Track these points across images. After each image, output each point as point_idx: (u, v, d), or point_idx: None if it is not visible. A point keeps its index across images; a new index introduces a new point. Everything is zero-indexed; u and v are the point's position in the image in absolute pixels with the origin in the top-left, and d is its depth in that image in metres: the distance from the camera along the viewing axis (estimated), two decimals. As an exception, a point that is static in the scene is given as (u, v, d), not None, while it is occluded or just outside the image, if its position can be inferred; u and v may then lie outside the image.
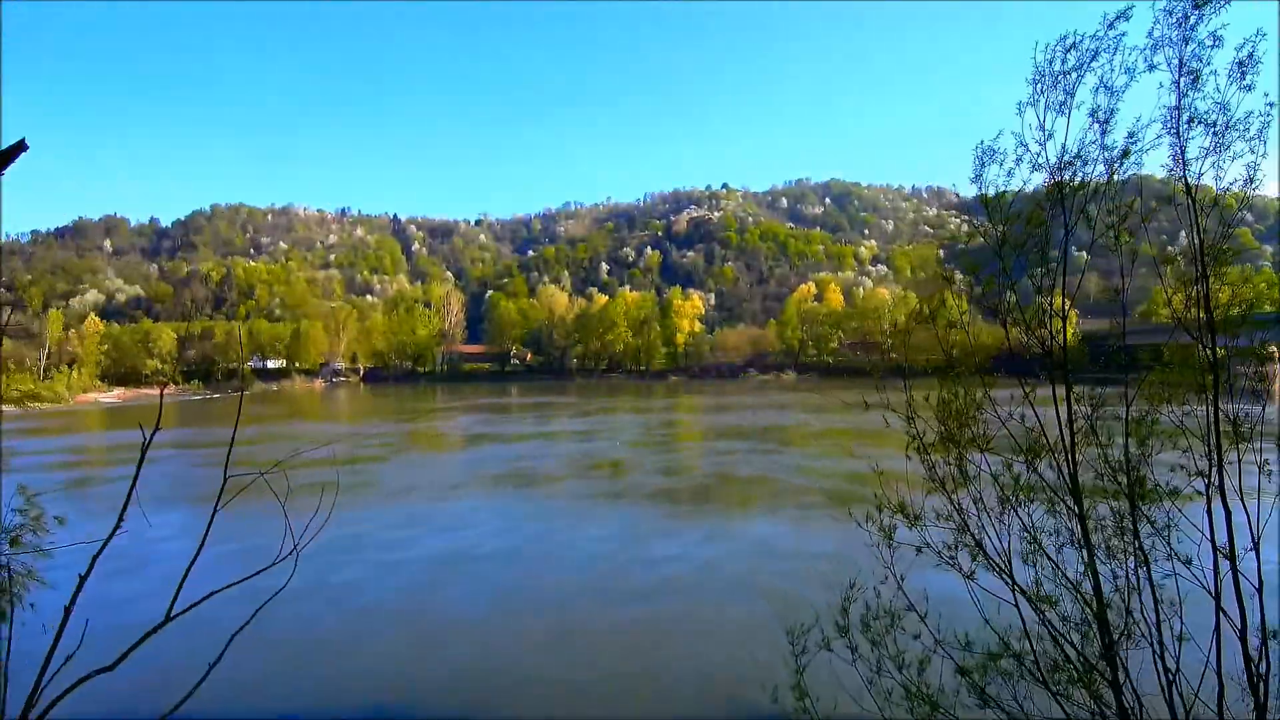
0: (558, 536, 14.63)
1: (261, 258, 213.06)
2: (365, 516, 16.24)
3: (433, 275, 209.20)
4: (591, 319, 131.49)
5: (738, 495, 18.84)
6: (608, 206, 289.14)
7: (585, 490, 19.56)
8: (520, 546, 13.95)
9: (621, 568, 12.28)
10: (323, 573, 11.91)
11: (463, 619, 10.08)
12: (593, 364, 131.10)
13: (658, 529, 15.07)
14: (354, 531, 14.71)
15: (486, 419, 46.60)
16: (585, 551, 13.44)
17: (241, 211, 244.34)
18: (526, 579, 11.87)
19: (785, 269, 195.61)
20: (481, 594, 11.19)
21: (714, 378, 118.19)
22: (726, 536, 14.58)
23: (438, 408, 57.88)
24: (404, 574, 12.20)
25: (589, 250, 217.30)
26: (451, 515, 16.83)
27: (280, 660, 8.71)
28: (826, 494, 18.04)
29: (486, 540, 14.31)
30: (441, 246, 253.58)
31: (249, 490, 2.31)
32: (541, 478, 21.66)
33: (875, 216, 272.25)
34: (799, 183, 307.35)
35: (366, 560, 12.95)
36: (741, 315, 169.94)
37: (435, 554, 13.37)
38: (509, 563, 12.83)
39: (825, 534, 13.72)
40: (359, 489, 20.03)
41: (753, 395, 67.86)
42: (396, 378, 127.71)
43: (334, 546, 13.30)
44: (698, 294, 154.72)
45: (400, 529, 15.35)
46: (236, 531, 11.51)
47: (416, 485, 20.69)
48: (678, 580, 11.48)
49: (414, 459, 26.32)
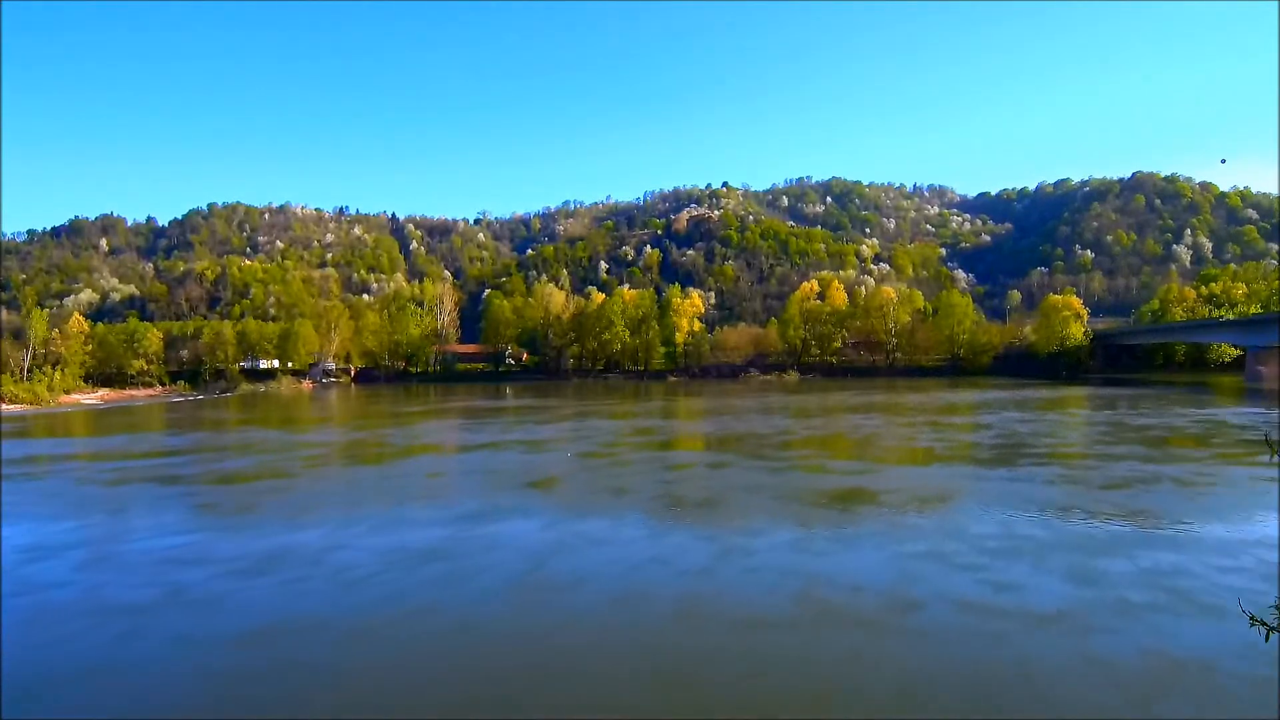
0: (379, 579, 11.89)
1: (258, 257, 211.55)
2: (198, 540, 13.65)
3: (431, 274, 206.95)
4: (588, 318, 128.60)
5: (654, 524, 16.01)
6: (607, 205, 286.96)
7: (473, 511, 16.78)
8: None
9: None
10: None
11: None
12: (590, 364, 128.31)
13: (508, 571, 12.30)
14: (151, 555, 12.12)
15: (449, 425, 44.01)
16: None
17: (239, 210, 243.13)
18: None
19: (786, 268, 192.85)
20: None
21: (714, 378, 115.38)
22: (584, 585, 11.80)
23: (404, 412, 55.35)
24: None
25: (588, 249, 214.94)
26: (272, 547, 14.05)
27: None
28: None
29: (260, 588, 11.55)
30: (440, 245, 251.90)
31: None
32: (446, 496, 18.91)
33: (877, 215, 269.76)
34: (800, 181, 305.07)
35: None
36: (742, 314, 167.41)
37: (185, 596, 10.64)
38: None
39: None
40: (211, 510, 17.50)
41: (753, 397, 65.10)
42: (388, 378, 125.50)
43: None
44: (698, 292, 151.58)
45: (174, 563, 12.67)
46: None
47: (273, 507, 17.91)
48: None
49: (321, 476, 23.56)
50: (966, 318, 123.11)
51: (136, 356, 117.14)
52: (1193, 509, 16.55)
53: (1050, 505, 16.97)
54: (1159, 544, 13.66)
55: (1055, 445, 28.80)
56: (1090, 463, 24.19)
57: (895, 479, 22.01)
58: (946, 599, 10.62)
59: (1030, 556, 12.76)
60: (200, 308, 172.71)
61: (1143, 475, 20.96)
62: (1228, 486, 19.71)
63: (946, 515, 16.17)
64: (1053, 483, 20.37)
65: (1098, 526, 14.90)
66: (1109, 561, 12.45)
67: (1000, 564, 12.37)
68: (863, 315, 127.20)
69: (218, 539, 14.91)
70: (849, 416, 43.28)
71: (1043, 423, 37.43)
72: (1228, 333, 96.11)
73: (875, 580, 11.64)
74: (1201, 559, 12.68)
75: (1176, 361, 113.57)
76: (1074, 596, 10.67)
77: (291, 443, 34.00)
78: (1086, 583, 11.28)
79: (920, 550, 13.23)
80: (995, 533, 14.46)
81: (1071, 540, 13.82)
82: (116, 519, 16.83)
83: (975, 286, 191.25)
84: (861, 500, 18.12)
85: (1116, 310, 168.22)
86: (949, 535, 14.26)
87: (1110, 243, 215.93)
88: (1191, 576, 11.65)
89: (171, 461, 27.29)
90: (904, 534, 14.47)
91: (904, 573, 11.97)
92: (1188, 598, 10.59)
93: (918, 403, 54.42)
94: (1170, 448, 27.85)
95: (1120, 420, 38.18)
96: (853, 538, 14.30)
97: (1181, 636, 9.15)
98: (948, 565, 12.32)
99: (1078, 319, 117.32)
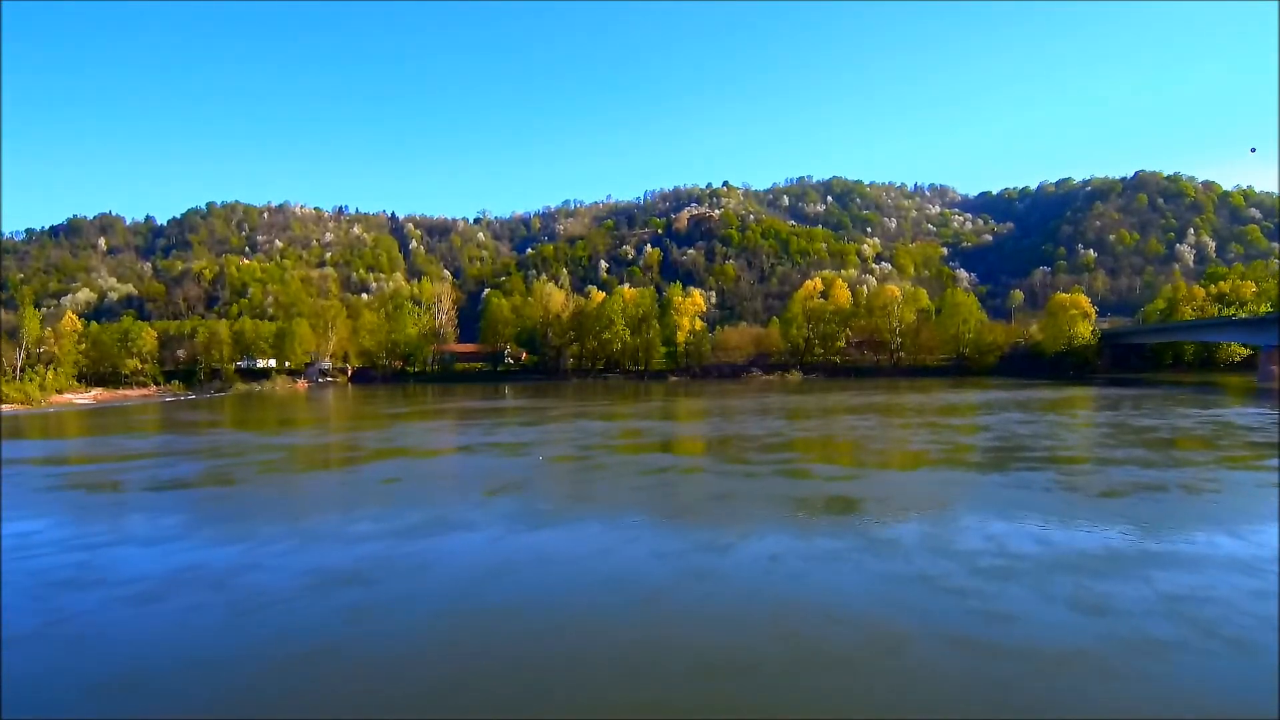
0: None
1: (257, 256, 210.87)
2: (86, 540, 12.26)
3: (430, 274, 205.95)
4: (588, 317, 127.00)
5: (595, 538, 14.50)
6: (607, 205, 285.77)
7: (416, 524, 15.29)
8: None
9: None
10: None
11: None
12: (589, 364, 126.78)
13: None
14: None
15: (431, 426, 42.63)
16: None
17: (237, 209, 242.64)
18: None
19: (787, 267, 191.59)
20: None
21: (716, 378, 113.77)
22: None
23: (391, 413, 53.97)
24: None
25: (588, 248, 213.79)
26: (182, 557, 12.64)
27: None
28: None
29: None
30: (439, 245, 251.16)
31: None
32: (395, 505, 17.36)
33: (878, 215, 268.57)
34: (800, 180, 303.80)
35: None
36: (743, 314, 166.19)
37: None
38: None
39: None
40: (130, 522, 16.11)
41: (753, 397, 63.56)
42: (385, 378, 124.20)
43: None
44: (699, 291, 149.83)
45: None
46: None
47: (201, 519, 16.38)
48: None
49: (269, 483, 22.00)
50: (972, 317, 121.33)
51: (130, 356, 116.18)
52: (1206, 520, 15.03)
53: (1050, 516, 15.45)
54: (1173, 562, 12.15)
55: (1055, 448, 27.19)
56: (1092, 467, 22.63)
57: (882, 486, 20.48)
58: (938, 634, 9.11)
59: (1030, 579, 11.25)
60: (198, 307, 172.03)
61: (1150, 481, 19.41)
62: (1241, 493, 18.15)
63: (936, 528, 14.65)
64: (1052, 490, 18.84)
65: (1103, 541, 13.38)
66: (1120, 585, 10.95)
67: (996, 588, 10.86)
68: (866, 314, 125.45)
69: (124, 556, 13.44)
70: (845, 418, 41.75)
71: (1043, 424, 35.85)
72: (1240, 332, 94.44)
73: (855, 609, 10.14)
74: (1222, 579, 11.20)
75: (1185, 361, 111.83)
76: (1086, 630, 9.15)
77: (256, 446, 32.59)
78: (1097, 612, 9.76)
79: (906, 571, 11.73)
80: (989, 549, 12.94)
81: (1075, 558, 12.30)
82: (18, 532, 15.30)
83: (977, 286, 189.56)
84: (844, 510, 16.61)
85: (1120, 309, 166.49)
86: (938, 552, 12.75)
87: (1113, 242, 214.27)
88: (1216, 603, 10.14)
89: (119, 467, 25.92)
90: (888, 550, 12.96)
91: (888, 599, 10.48)
92: (1216, 632, 9.07)
93: (918, 403, 52.89)
94: (1178, 450, 26.28)
95: (1126, 421, 36.58)
96: (830, 555, 12.78)
97: (1218, 682, 7.64)
98: (938, 590, 10.81)
99: (1085, 318, 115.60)
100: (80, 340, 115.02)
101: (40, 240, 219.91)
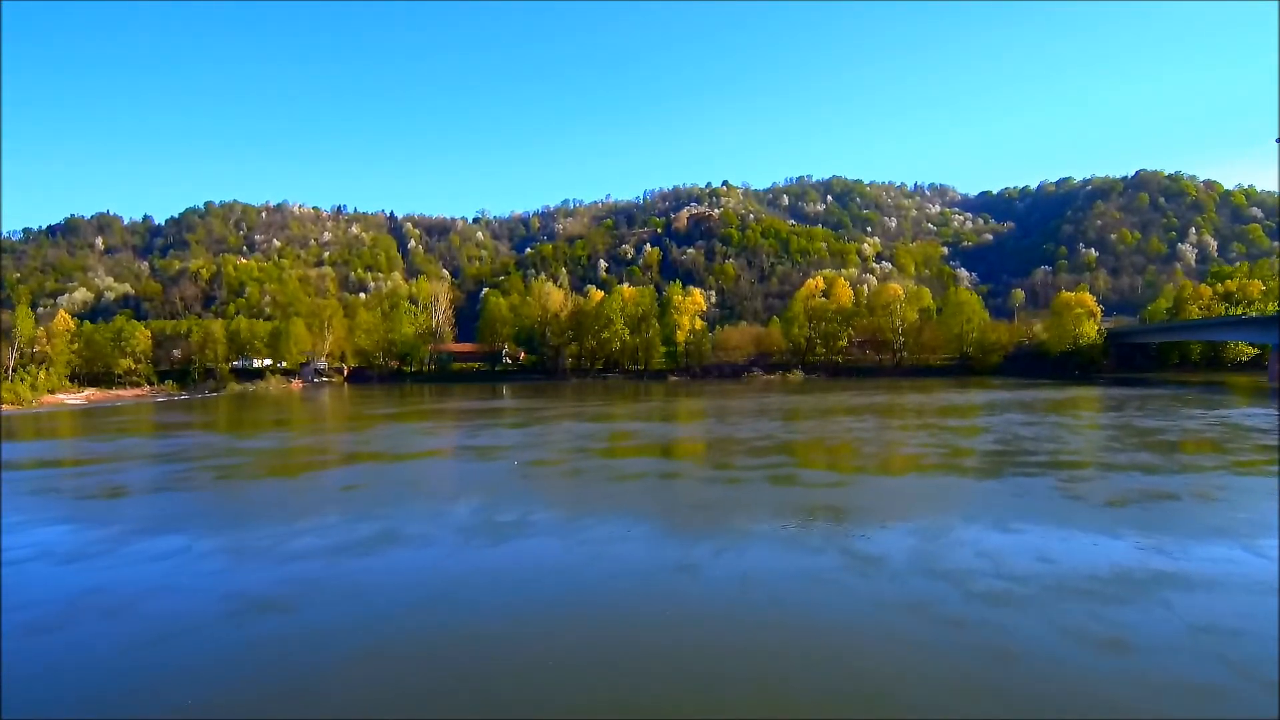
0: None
1: (255, 255, 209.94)
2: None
3: (429, 273, 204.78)
4: (587, 316, 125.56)
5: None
6: (607, 204, 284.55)
7: (362, 538, 14.04)
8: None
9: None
10: None
11: None
12: (589, 363, 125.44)
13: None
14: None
15: (414, 428, 41.35)
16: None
17: (236, 209, 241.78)
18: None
19: (787, 266, 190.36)
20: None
21: (716, 378, 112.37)
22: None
23: (379, 414, 52.75)
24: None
25: (587, 248, 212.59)
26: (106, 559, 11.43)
27: None
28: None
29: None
30: (438, 244, 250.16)
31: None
32: (345, 515, 16.13)
33: (878, 214, 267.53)
34: (800, 180, 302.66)
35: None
36: (743, 314, 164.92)
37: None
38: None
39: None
40: (56, 536, 14.90)
41: (752, 398, 62.20)
42: (381, 377, 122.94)
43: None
44: (699, 290, 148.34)
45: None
46: None
47: (131, 531, 15.10)
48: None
49: (221, 489, 20.75)
50: (975, 316, 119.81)
51: (124, 356, 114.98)
52: (1222, 532, 13.71)
53: (1052, 528, 14.16)
54: (1192, 583, 10.85)
55: (1058, 451, 25.83)
56: (1096, 472, 21.29)
57: (873, 493, 19.16)
58: (935, 680, 7.82)
59: (1035, 606, 9.95)
60: (195, 306, 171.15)
61: (1158, 489, 18.09)
62: (1254, 501, 16.80)
63: (928, 542, 13.33)
64: (1054, 498, 17.51)
65: (1112, 558, 12.07)
66: (1136, 612, 9.67)
67: (998, 618, 9.56)
68: (868, 313, 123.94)
69: (35, 575, 12.18)
70: (843, 419, 40.44)
71: (1046, 425, 34.49)
72: (1248, 331, 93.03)
73: (835, 646, 8.84)
74: (1248, 604, 9.97)
75: (1192, 360, 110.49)
76: (1108, 673, 7.85)
77: (224, 449, 31.30)
78: (1117, 650, 8.45)
79: (895, 597, 10.43)
80: (986, 569, 11.63)
81: (1083, 580, 11.00)
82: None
83: (978, 286, 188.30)
84: (829, 520, 15.30)
85: (1122, 309, 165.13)
86: (930, 573, 11.44)
87: (1114, 241, 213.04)
88: (1247, 636, 8.86)
89: (70, 472, 24.83)
90: (874, 570, 11.67)
91: (875, 633, 9.19)
92: (1254, 674, 7.79)
93: (919, 404, 51.58)
94: (1186, 454, 24.92)
95: (1132, 423, 35.21)
96: (809, 576, 11.48)
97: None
98: (930, 620, 9.50)
99: (1091, 317, 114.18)
100: (73, 340, 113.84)
101: (38, 239, 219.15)
